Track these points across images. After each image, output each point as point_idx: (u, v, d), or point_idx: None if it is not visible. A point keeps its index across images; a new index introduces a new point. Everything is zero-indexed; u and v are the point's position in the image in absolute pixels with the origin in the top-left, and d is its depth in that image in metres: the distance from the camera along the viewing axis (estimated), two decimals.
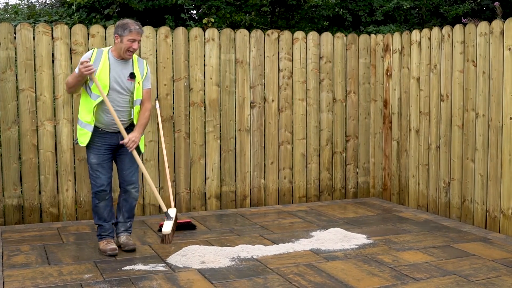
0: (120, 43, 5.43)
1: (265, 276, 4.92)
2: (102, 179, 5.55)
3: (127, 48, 5.42)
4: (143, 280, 4.82)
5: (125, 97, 5.50)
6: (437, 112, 7.12)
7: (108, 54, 5.51)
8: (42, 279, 4.84)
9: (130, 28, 5.41)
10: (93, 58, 5.44)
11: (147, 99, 5.67)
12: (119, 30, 5.44)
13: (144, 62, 5.70)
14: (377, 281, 4.82)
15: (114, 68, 5.47)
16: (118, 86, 5.46)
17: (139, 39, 5.48)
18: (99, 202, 5.58)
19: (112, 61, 5.48)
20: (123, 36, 5.41)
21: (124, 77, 5.49)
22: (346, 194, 8.19)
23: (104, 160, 5.55)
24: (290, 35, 7.73)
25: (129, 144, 5.44)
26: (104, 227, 5.64)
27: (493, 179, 6.36)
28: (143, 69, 5.63)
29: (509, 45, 6.10)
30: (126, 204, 5.71)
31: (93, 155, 5.54)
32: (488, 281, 4.81)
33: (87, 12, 10.33)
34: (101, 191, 5.54)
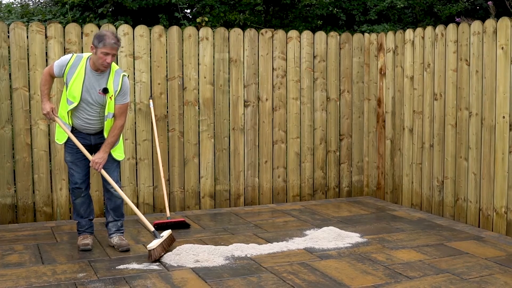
0: (94, 55, 5.33)
1: (259, 274, 4.93)
2: (76, 176, 5.61)
3: (101, 62, 5.32)
4: (137, 279, 4.82)
5: (96, 108, 5.46)
6: (430, 111, 7.14)
7: (86, 64, 5.42)
8: (36, 278, 4.83)
9: (105, 41, 5.25)
10: (69, 65, 5.39)
11: (119, 116, 5.50)
12: (95, 41, 5.30)
13: (120, 77, 5.46)
14: (370, 279, 4.83)
15: (88, 79, 5.40)
16: (89, 98, 5.41)
17: (113, 53, 5.32)
18: (76, 199, 5.66)
19: (87, 71, 5.41)
20: (97, 48, 5.28)
21: (96, 90, 5.41)
22: (340, 193, 8.21)
23: (77, 159, 5.58)
24: (284, 34, 7.74)
25: (94, 166, 5.46)
26: (80, 223, 5.74)
27: (486, 178, 6.38)
28: (117, 84, 5.45)
29: (502, 44, 6.12)
30: (110, 203, 5.71)
31: (67, 153, 5.62)
32: (481, 279, 4.83)
33: (80, 11, 10.31)
34: (76, 188, 5.62)
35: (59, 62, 5.45)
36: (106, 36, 5.29)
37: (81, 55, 5.48)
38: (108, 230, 5.78)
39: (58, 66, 5.44)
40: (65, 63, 5.41)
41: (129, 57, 7.01)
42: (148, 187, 7.13)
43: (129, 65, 7.01)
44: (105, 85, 5.43)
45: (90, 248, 5.59)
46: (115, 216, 5.75)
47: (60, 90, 6.75)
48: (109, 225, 5.77)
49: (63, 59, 5.45)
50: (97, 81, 5.42)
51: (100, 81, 5.43)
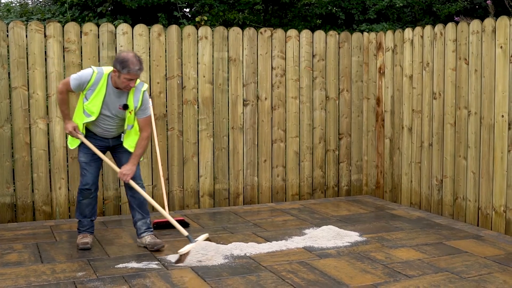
0: (117, 78, 5.31)
1: (258, 273, 4.93)
2: (88, 177, 5.60)
3: (123, 86, 5.33)
4: (136, 278, 4.83)
5: (115, 119, 5.51)
6: (429, 110, 7.14)
7: (107, 80, 5.40)
8: (35, 277, 4.83)
9: (130, 68, 5.22)
10: (90, 83, 5.36)
11: (144, 128, 5.56)
12: (118, 66, 5.25)
13: (140, 94, 5.48)
14: (369, 278, 4.84)
15: (109, 95, 5.41)
16: (108, 112, 5.44)
17: (137, 78, 5.35)
18: (83, 199, 5.65)
19: (108, 88, 5.40)
20: (121, 73, 5.26)
21: (116, 105, 5.43)
22: (339, 192, 8.21)
23: (92, 160, 5.59)
24: (283, 33, 7.74)
25: (122, 178, 5.49)
26: (82, 223, 5.73)
27: (485, 177, 6.38)
28: (137, 100, 5.47)
29: (501, 43, 6.12)
30: (134, 200, 5.70)
31: (82, 153, 5.60)
32: (480, 278, 4.83)
33: (79, 10, 10.31)
34: (86, 189, 5.61)
35: (78, 79, 5.37)
36: (130, 62, 5.22)
37: (101, 72, 5.42)
38: (138, 230, 5.73)
39: (77, 83, 5.39)
40: (85, 81, 5.36)
41: None
42: (147, 186, 7.12)
43: None
44: (126, 101, 5.45)
45: (89, 247, 5.60)
46: (143, 213, 5.73)
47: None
48: (138, 223, 5.73)
49: (83, 77, 5.37)
50: (117, 97, 5.44)
51: (121, 97, 5.44)
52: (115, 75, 5.32)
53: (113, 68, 5.31)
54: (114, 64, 5.30)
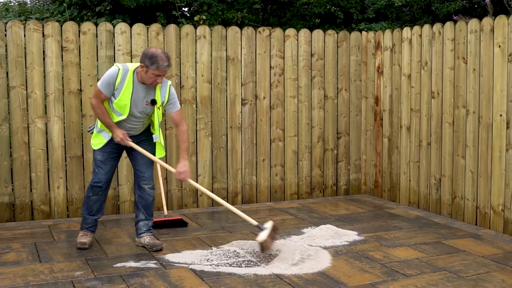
0: (144, 73, 5.30)
1: (256, 273, 4.93)
2: (101, 175, 5.58)
3: (151, 82, 5.33)
4: (134, 277, 4.82)
5: (141, 118, 5.53)
6: (428, 109, 7.14)
7: (133, 77, 5.38)
8: (33, 276, 4.83)
9: (159, 64, 5.22)
10: (118, 81, 5.33)
11: (180, 122, 5.58)
12: (147, 61, 5.24)
13: (167, 87, 5.50)
14: (367, 277, 4.83)
15: (136, 91, 5.40)
16: (136, 110, 5.44)
17: (165, 74, 5.36)
18: (93, 195, 5.63)
19: (135, 84, 5.39)
20: (149, 69, 5.25)
21: (143, 101, 5.44)
22: (338, 191, 8.21)
23: (108, 159, 5.59)
24: (281, 32, 7.74)
25: (180, 177, 5.53)
26: (87, 220, 5.70)
27: (483, 176, 6.39)
28: (164, 95, 5.49)
29: (499, 42, 6.12)
30: (141, 200, 5.69)
31: (99, 151, 5.58)
32: (478, 277, 4.83)
33: (78, 9, 10.30)
34: (97, 186, 5.59)
35: (106, 82, 5.34)
36: (159, 58, 5.23)
37: (127, 68, 5.40)
38: (138, 229, 5.73)
39: (107, 87, 5.34)
40: (112, 81, 5.33)
41: (126, 55, 7.00)
42: None
43: None
44: (153, 96, 5.45)
45: (86, 247, 5.58)
46: (147, 215, 5.72)
47: (58, 88, 6.75)
48: (139, 223, 5.72)
49: (109, 76, 5.34)
50: (144, 93, 5.43)
51: (147, 93, 5.44)
52: (142, 70, 5.31)
53: (141, 64, 5.30)
54: (142, 60, 5.29)
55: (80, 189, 6.90)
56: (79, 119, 6.89)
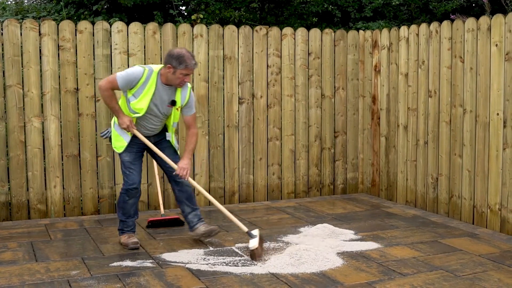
0: (172, 74, 5.32)
1: (252, 272, 4.92)
2: (134, 176, 5.57)
3: (178, 82, 5.36)
4: (131, 276, 4.82)
5: (160, 118, 5.54)
6: (425, 108, 7.14)
7: (157, 79, 5.40)
8: (29, 275, 4.82)
9: (187, 63, 5.27)
10: (141, 82, 5.34)
11: (192, 125, 5.64)
12: (174, 62, 5.28)
13: (188, 90, 5.56)
14: (364, 276, 4.83)
15: (158, 93, 5.41)
16: (156, 109, 5.46)
17: (192, 73, 5.41)
18: (129, 199, 5.59)
19: (158, 86, 5.40)
20: (177, 69, 5.29)
21: (164, 103, 5.45)
22: (335, 190, 8.21)
23: (136, 158, 5.60)
24: (278, 31, 7.73)
25: (181, 173, 5.50)
26: (127, 223, 5.67)
27: (480, 175, 6.38)
28: (184, 97, 5.53)
29: (496, 41, 6.12)
30: (182, 194, 5.73)
31: (126, 153, 5.57)
32: (474, 276, 4.83)
33: (75, 8, 10.28)
34: (133, 188, 5.56)
35: (127, 77, 5.33)
36: (186, 58, 5.28)
37: (151, 69, 5.41)
38: (190, 223, 5.77)
39: (126, 81, 5.34)
40: (136, 79, 5.33)
41: (123, 54, 6.99)
42: (143, 184, 7.11)
43: (123, 62, 7.00)
44: (174, 97, 5.47)
45: (139, 247, 5.56)
46: (192, 205, 5.76)
47: (55, 87, 6.74)
48: (189, 216, 5.76)
49: (133, 75, 5.33)
50: (166, 94, 5.45)
51: (169, 93, 5.46)
52: (169, 71, 5.33)
53: (167, 65, 5.31)
54: (169, 61, 5.31)
55: (77, 188, 6.89)
56: (76, 118, 6.88)
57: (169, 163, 5.58)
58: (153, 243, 5.77)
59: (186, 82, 5.40)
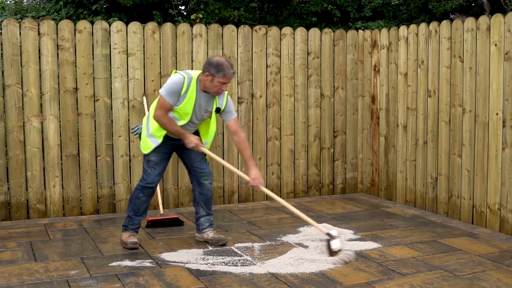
0: (209, 82, 5.32)
1: (252, 272, 4.92)
2: (153, 176, 5.58)
3: (216, 90, 5.36)
4: (130, 276, 4.81)
5: (195, 123, 5.56)
6: (424, 108, 7.14)
7: (196, 85, 5.41)
8: (28, 275, 4.82)
9: (225, 71, 5.27)
10: (184, 89, 5.35)
11: (238, 129, 5.63)
12: (212, 70, 5.28)
13: (225, 96, 5.56)
14: (363, 276, 4.83)
15: (198, 99, 5.43)
16: (195, 117, 5.48)
17: (230, 81, 5.43)
18: (143, 196, 5.62)
19: (198, 92, 5.42)
20: (215, 77, 5.29)
21: (202, 109, 5.47)
22: (334, 190, 8.20)
23: (162, 160, 5.61)
24: (277, 31, 7.73)
25: (255, 183, 5.53)
26: (133, 220, 5.68)
27: (479, 175, 6.38)
28: (222, 103, 5.54)
29: (495, 41, 6.12)
30: (202, 196, 5.74)
31: (154, 152, 5.56)
32: (474, 276, 4.83)
33: (74, 8, 10.29)
34: (150, 187, 5.59)
35: (171, 91, 5.32)
36: (225, 66, 5.29)
37: (190, 76, 5.41)
38: (200, 225, 5.79)
39: (172, 94, 5.33)
40: (178, 90, 5.33)
41: (122, 54, 6.99)
42: None
43: (122, 62, 6.99)
44: (212, 104, 5.50)
45: (138, 247, 5.57)
46: (207, 210, 5.79)
47: (54, 87, 6.74)
48: (201, 219, 5.78)
49: (175, 86, 5.33)
50: (205, 101, 5.46)
51: (206, 100, 5.47)
52: (207, 79, 5.33)
53: (206, 72, 5.32)
54: (207, 68, 5.32)
55: (76, 187, 6.88)
56: (75, 117, 6.87)
57: (241, 175, 5.67)
58: (153, 243, 5.76)
59: (223, 90, 5.40)
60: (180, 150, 5.72)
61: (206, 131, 5.67)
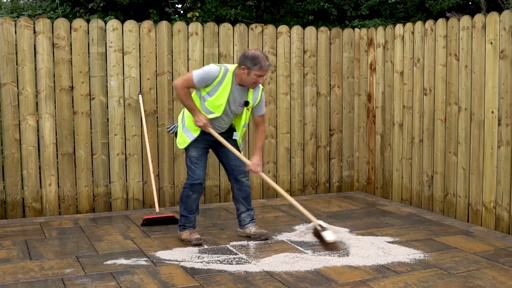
0: (246, 75, 5.39)
1: (246, 270, 4.92)
2: (199, 172, 5.65)
3: (253, 82, 5.42)
4: (125, 274, 4.81)
5: (230, 116, 5.62)
6: (420, 106, 7.14)
7: (232, 78, 5.47)
8: (23, 274, 4.81)
9: (261, 64, 5.35)
10: (217, 80, 5.41)
11: (262, 123, 5.77)
12: (248, 63, 5.36)
13: (260, 91, 5.64)
14: (358, 274, 4.83)
15: (233, 93, 5.49)
16: (228, 109, 5.54)
17: (266, 74, 5.48)
18: (193, 194, 5.69)
19: (233, 85, 5.48)
20: (251, 70, 5.36)
21: (236, 103, 5.53)
22: (330, 188, 8.21)
23: (202, 154, 5.69)
24: (274, 29, 7.72)
25: (255, 169, 5.60)
26: (189, 218, 5.76)
27: (475, 173, 6.39)
28: (256, 98, 5.62)
29: (491, 39, 6.12)
30: (241, 193, 5.85)
31: (193, 148, 5.64)
32: (468, 273, 4.83)
33: (71, 6, 10.28)
34: (198, 183, 5.65)
35: (204, 75, 5.40)
36: (261, 59, 5.37)
37: (227, 68, 5.48)
38: (242, 221, 5.91)
39: (202, 80, 5.40)
40: (212, 78, 5.40)
41: (118, 52, 6.98)
42: (138, 182, 7.11)
43: (118, 61, 6.99)
44: (246, 98, 5.56)
45: (202, 243, 5.65)
46: (247, 205, 5.89)
47: (50, 85, 6.73)
48: (242, 215, 5.90)
49: (210, 73, 5.40)
50: (239, 95, 5.53)
51: (242, 94, 5.54)
52: (243, 72, 5.40)
53: (242, 66, 5.38)
54: (243, 62, 5.39)
55: (72, 186, 6.88)
56: (71, 116, 6.87)
57: (242, 159, 5.68)
58: (148, 241, 5.76)
59: (260, 83, 5.47)
60: (217, 148, 5.81)
61: (239, 124, 5.77)
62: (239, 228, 5.98)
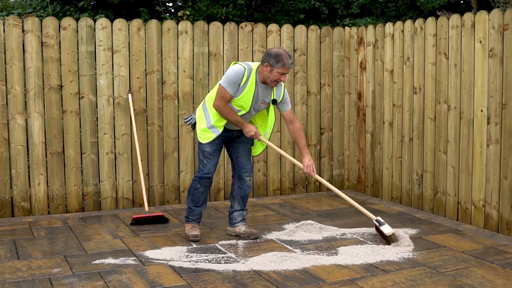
0: (268, 72, 5.40)
1: (235, 269, 4.91)
2: (210, 166, 5.69)
3: (275, 80, 5.43)
4: (113, 274, 4.79)
5: (251, 114, 5.65)
6: (410, 105, 7.14)
7: (256, 77, 5.49)
8: (10, 274, 4.79)
9: (284, 62, 5.36)
10: (244, 80, 5.43)
11: (293, 119, 5.76)
12: (271, 60, 5.37)
13: (282, 87, 5.67)
14: (347, 273, 4.82)
15: (256, 91, 5.51)
16: (253, 109, 5.57)
17: (289, 72, 5.50)
18: (201, 187, 5.72)
19: (257, 83, 5.50)
20: (274, 68, 5.37)
21: (260, 100, 5.55)
22: (321, 187, 8.20)
23: (216, 150, 5.72)
24: (264, 28, 7.71)
25: (308, 170, 5.67)
26: (194, 212, 5.80)
27: (464, 171, 6.39)
28: (279, 95, 5.64)
29: (480, 37, 6.12)
30: (240, 191, 5.86)
31: (208, 144, 5.66)
32: (456, 272, 4.83)
33: (61, 5, 10.24)
34: (207, 177, 5.70)
35: (232, 80, 5.41)
36: (284, 56, 5.39)
37: (250, 67, 5.50)
38: (233, 219, 5.91)
39: (233, 84, 5.42)
40: (239, 81, 5.42)
41: (107, 51, 6.96)
42: (127, 181, 7.10)
43: (107, 59, 6.96)
44: (270, 95, 5.59)
45: (199, 240, 5.69)
46: (242, 205, 5.92)
47: (38, 84, 6.71)
48: (234, 213, 5.90)
49: (237, 75, 5.41)
50: (263, 92, 5.55)
51: (265, 91, 5.56)
52: (266, 70, 5.42)
53: (265, 63, 5.40)
54: (266, 59, 5.41)
55: (61, 185, 6.85)
56: (60, 115, 6.84)
57: (295, 162, 5.83)
58: (137, 240, 5.75)
59: (282, 81, 5.49)
60: (230, 142, 5.83)
61: (262, 122, 5.79)
62: (228, 227, 5.98)
